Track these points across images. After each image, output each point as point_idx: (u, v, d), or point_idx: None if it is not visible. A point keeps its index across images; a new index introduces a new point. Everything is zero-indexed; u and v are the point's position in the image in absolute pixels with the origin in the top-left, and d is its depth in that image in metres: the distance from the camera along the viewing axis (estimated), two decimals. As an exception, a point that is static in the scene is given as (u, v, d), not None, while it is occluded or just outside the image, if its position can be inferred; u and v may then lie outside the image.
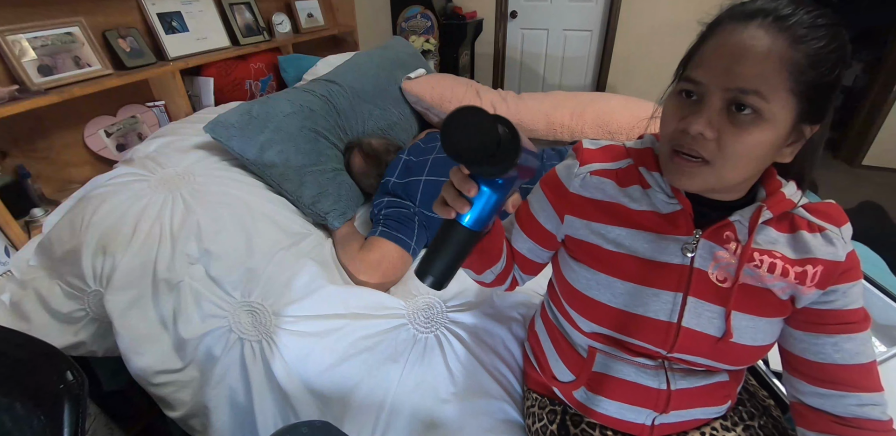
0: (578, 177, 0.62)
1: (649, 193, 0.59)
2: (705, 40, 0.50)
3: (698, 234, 0.58)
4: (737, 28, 0.47)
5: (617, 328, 0.62)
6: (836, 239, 0.57)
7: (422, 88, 1.66)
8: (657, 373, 0.63)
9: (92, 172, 1.42)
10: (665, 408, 0.64)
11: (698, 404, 0.65)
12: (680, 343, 0.59)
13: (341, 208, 1.23)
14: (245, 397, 0.92)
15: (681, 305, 0.58)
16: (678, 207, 0.58)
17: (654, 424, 0.67)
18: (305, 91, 1.38)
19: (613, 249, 0.61)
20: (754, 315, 0.58)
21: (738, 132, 0.47)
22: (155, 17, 1.56)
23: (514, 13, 3.34)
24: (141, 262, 0.99)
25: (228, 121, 1.17)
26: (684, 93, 0.51)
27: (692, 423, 0.69)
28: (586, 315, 0.64)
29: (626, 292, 0.60)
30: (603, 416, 0.69)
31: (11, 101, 1.13)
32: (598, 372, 0.66)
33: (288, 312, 0.95)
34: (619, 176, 0.62)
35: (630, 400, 0.65)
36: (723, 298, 0.58)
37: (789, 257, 0.57)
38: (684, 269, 0.58)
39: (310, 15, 2.37)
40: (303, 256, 1.07)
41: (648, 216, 0.59)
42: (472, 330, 0.95)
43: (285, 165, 1.19)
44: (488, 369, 0.90)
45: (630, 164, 0.62)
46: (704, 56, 0.49)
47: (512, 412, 0.86)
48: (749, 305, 0.58)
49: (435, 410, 0.85)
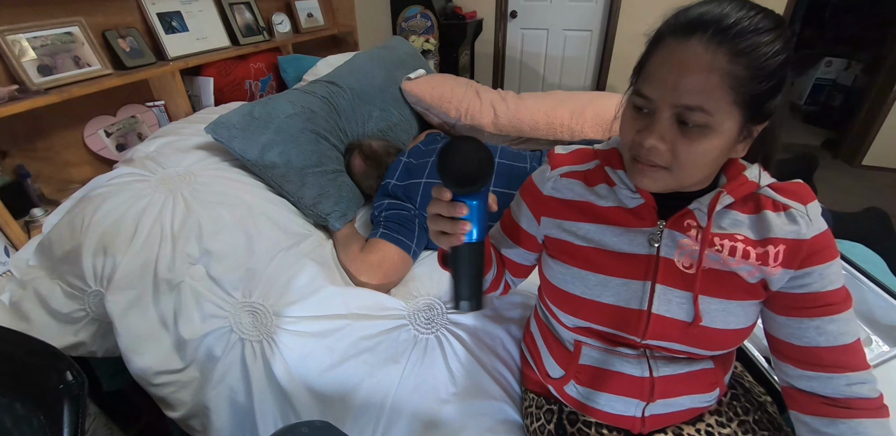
0: (550, 180, 0.67)
1: (615, 190, 0.63)
2: (650, 55, 0.52)
3: (662, 224, 0.60)
4: (679, 44, 0.48)
5: (594, 319, 0.65)
6: (801, 217, 0.57)
7: (422, 89, 1.66)
8: (640, 362, 0.65)
9: (92, 172, 1.42)
10: (650, 396, 0.65)
11: (684, 392, 0.66)
12: (651, 330, 0.61)
13: (342, 210, 1.23)
14: (245, 398, 0.92)
15: (650, 292, 0.61)
16: (641, 200, 0.61)
17: (644, 415, 0.67)
18: (306, 92, 1.38)
19: (584, 244, 0.64)
20: (722, 299, 0.59)
21: (688, 142, 0.50)
22: (155, 17, 1.56)
23: (514, 13, 3.34)
24: (141, 262, 0.99)
25: (230, 122, 1.17)
26: (635, 108, 0.54)
27: (683, 414, 0.69)
28: (565, 309, 0.67)
29: (598, 284, 0.63)
30: (595, 410, 0.70)
31: (11, 101, 1.13)
32: (585, 365, 0.69)
33: (288, 313, 0.95)
34: (587, 176, 0.66)
35: (616, 390, 0.67)
36: (689, 284, 0.60)
37: (751, 239, 0.58)
38: (651, 258, 0.61)
39: (310, 15, 2.37)
40: (303, 257, 1.07)
41: (615, 211, 0.63)
42: (472, 331, 0.95)
43: (287, 167, 1.19)
44: (488, 370, 0.90)
45: (597, 164, 0.65)
46: (651, 72, 0.51)
47: (511, 413, 0.86)
48: (716, 289, 0.59)
49: (435, 410, 0.85)
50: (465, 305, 0.52)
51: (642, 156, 0.53)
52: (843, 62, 3.83)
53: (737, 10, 0.47)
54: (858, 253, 1.12)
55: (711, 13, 0.47)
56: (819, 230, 0.57)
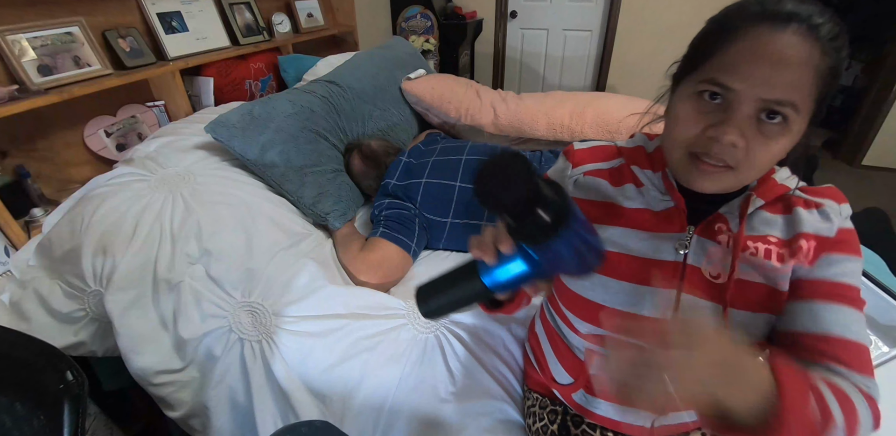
0: (572, 179, 0.63)
1: (643, 190, 0.59)
2: (731, 41, 0.46)
3: (691, 230, 0.57)
4: (773, 33, 0.44)
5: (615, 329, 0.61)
6: (834, 215, 0.55)
7: (422, 89, 1.66)
8: None
9: (92, 171, 1.42)
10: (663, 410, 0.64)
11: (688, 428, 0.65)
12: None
13: (342, 209, 1.23)
14: (245, 397, 0.91)
15: (676, 300, 0.57)
16: (671, 203, 0.57)
17: (653, 426, 0.66)
18: (306, 92, 1.38)
19: (611, 249, 0.60)
20: (749, 311, 0.56)
21: (766, 141, 0.47)
22: (155, 17, 1.56)
23: (514, 13, 3.34)
24: (141, 262, 0.99)
25: (230, 121, 1.17)
26: (707, 94, 0.48)
27: (693, 424, 0.68)
28: (582, 317, 0.64)
29: (621, 291, 0.59)
30: (603, 418, 0.69)
31: (11, 101, 1.13)
32: (593, 375, 0.66)
33: (288, 312, 0.95)
34: (613, 175, 0.62)
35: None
36: (717, 295, 0.56)
37: (783, 239, 0.55)
38: (678, 265, 0.57)
39: (310, 15, 2.37)
40: (303, 257, 1.07)
41: (642, 214, 0.59)
42: (473, 330, 0.95)
43: (286, 166, 1.19)
44: (488, 370, 0.90)
45: (622, 163, 0.62)
46: (734, 60, 0.46)
47: (512, 413, 0.86)
48: (743, 301, 0.56)
49: (435, 410, 0.85)
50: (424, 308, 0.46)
51: (714, 153, 0.47)
52: (843, 62, 3.83)
53: (822, 15, 0.45)
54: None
55: (804, 10, 0.44)
56: (848, 226, 0.55)
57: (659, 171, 0.58)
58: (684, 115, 0.50)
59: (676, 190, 0.57)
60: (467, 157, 1.23)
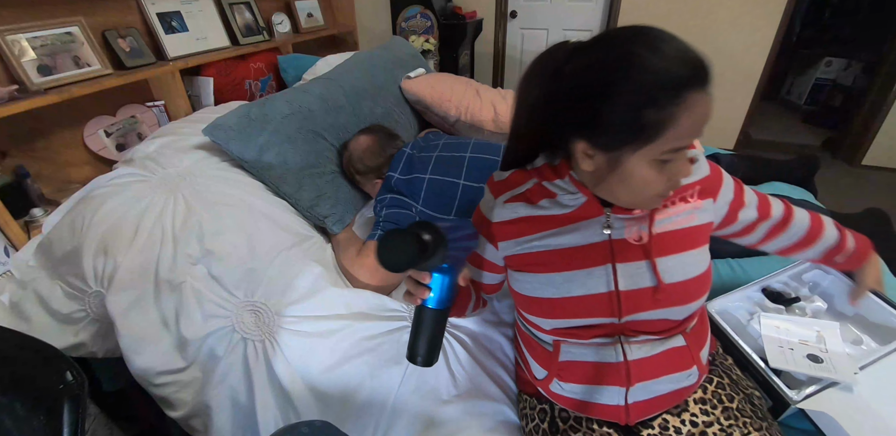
0: (495, 208, 0.71)
1: (557, 199, 0.67)
2: (679, 112, 0.50)
3: (608, 210, 0.65)
4: (706, 95, 0.51)
5: (570, 315, 0.68)
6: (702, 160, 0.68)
7: (421, 88, 1.66)
8: (614, 348, 0.68)
9: (91, 171, 1.42)
10: (628, 381, 0.67)
11: (660, 372, 0.68)
12: (625, 306, 0.65)
13: (339, 213, 1.23)
14: (247, 397, 0.92)
15: (613, 273, 0.65)
16: (584, 198, 0.65)
17: (627, 403, 0.69)
18: (304, 91, 1.37)
19: (542, 250, 0.68)
20: (675, 254, 0.65)
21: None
22: (154, 17, 1.56)
23: (513, 13, 3.34)
24: (142, 262, 0.99)
25: (227, 123, 1.16)
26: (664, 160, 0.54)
27: (666, 399, 0.70)
28: (542, 315, 0.70)
29: (565, 281, 0.67)
30: (581, 403, 0.72)
31: (11, 101, 1.13)
32: (564, 362, 0.72)
33: (291, 312, 0.95)
34: (528, 196, 0.69)
35: (596, 380, 0.69)
36: (644, 253, 0.65)
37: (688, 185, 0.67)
38: (605, 244, 0.66)
39: (310, 15, 2.37)
40: (305, 257, 1.07)
41: (563, 215, 0.67)
42: (473, 335, 0.96)
43: (283, 168, 1.18)
44: (488, 373, 0.90)
45: (535, 182, 0.68)
46: (689, 128, 0.51)
47: (511, 414, 0.86)
48: (667, 248, 0.65)
49: (436, 411, 0.85)
50: (419, 360, 0.57)
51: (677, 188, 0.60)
52: (843, 62, 3.83)
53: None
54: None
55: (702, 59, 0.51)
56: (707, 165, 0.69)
57: (565, 176, 0.65)
58: (653, 178, 0.56)
59: (584, 186, 0.64)
60: (471, 154, 1.22)
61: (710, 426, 0.70)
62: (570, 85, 0.55)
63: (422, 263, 0.49)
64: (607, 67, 0.51)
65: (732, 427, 0.69)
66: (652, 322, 0.67)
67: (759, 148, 3.37)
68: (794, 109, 4.23)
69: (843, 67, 3.84)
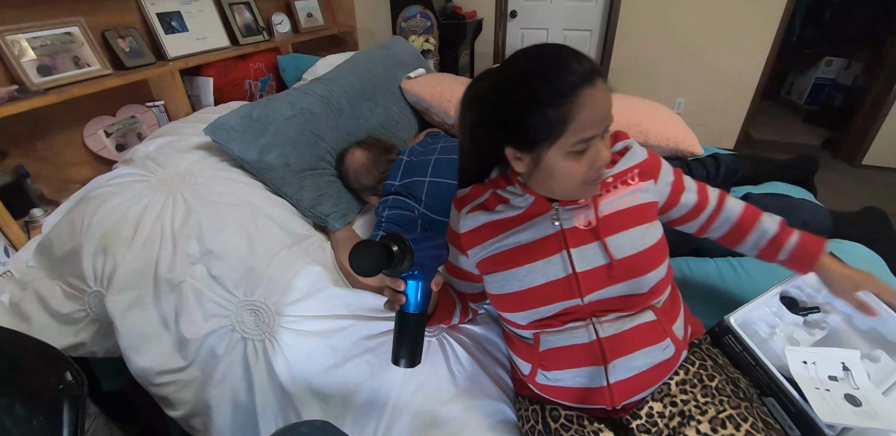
0: (460, 220, 0.80)
1: (510, 203, 0.75)
2: (575, 109, 0.60)
3: (556, 204, 0.73)
4: (595, 90, 0.61)
5: (538, 304, 0.73)
6: (637, 147, 0.78)
7: (421, 88, 1.66)
8: (587, 330, 0.72)
9: (91, 172, 1.42)
10: (604, 358, 0.70)
11: (634, 347, 0.71)
12: (584, 286, 0.71)
13: (342, 211, 1.23)
14: (247, 396, 0.92)
15: (569, 258, 0.71)
16: (532, 197, 0.73)
17: (609, 383, 0.71)
18: (306, 93, 1.37)
19: (504, 249, 0.75)
20: (621, 231, 0.71)
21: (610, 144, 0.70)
22: (154, 17, 1.56)
23: (513, 13, 3.34)
24: (142, 262, 0.99)
25: (229, 123, 1.16)
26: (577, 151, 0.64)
27: (646, 377, 0.72)
28: (514, 309, 0.76)
29: (527, 273, 0.73)
30: (565, 390, 0.75)
31: (11, 101, 1.13)
32: (543, 351, 0.76)
33: (291, 312, 0.95)
34: (486, 205, 0.78)
35: (573, 363, 0.73)
36: (594, 236, 0.71)
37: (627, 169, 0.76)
38: (558, 234, 0.72)
39: (309, 15, 2.37)
40: (305, 257, 1.07)
41: (517, 216, 0.75)
42: (473, 335, 0.96)
43: (285, 169, 1.18)
44: (489, 373, 0.91)
45: (492, 192, 0.78)
46: (587, 121, 0.61)
47: (511, 414, 0.87)
48: (614, 227, 0.71)
49: (437, 410, 0.85)
50: (403, 363, 0.62)
51: (601, 174, 0.67)
52: (843, 62, 3.83)
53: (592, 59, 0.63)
54: (858, 253, 1.12)
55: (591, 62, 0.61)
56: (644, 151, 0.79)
57: (515, 182, 0.75)
58: (573, 168, 0.65)
59: (530, 188, 0.73)
60: None
61: (686, 404, 0.71)
62: (491, 102, 0.66)
63: (389, 269, 0.57)
64: (515, 83, 0.63)
65: (708, 405, 0.70)
66: (615, 300, 0.71)
67: (760, 147, 3.37)
68: (794, 108, 4.23)
69: (843, 67, 3.83)
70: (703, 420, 0.68)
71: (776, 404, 0.80)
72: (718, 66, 3.01)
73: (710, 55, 2.99)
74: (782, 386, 0.78)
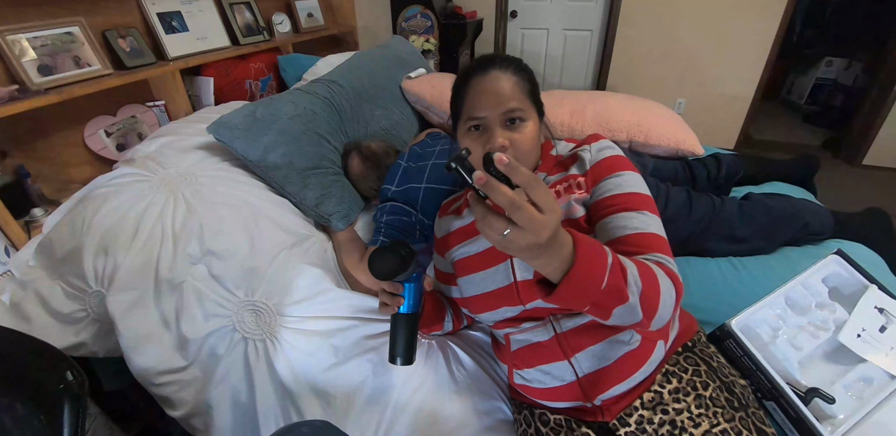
0: (438, 225, 0.89)
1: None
2: (466, 91, 0.75)
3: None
4: (484, 77, 0.74)
5: (491, 308, 0.77)
6: (585, 152, 0.78)
7: (422, 87, 1.66)
8: (546, 328, 0.74)
9: (92, 171, 1.42)
10: (567, 352, 0.72)
11: (594, 340, 0.72)
12: (523, 295, 0.73)
13: (344, 210, 1.23)
14: (248, 396, 0.92)
15: (511, 267, 0.74)
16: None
17: (579, 377, 0.72)
18: (308, 93, 1.37)
19: (464, 257, 0.81)
20: None
21: (519, 134, 0.73)
22: (155, 17, 1.56)
23: (514, 13, 3.34)
24: (143, 262, 0.99)
25: (232, 122, 1.16)
26: (473, 127, 0.75)
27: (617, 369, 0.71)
28: (477, 310, 0.80)
29: (482, 279, 0.78)
30: (541, 391, 0.76)
31: (11, 101, 1.13)
32: (514, 351, 0.79)
33: (292, 312, 0.95)
34: (459, 209, 0.86)
35: (540, 360, 0.75)
36: None
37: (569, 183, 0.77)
38: None
39: (310, 15, 2.37)
40: (306, 257, 1.07)
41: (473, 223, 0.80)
42: (474, 336, 0.96)
43: (289, 168, 1.18)
44: (489, 373, 0.91)
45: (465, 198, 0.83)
46: (474, 101, 0.73)
47: (510, 413, 0.87)
48: None
49: (438, 409, 0.85)
50: (399, 360, 0.67)
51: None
52: (843, 62, 3.83)
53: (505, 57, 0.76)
54: (858, 253, 1.11)
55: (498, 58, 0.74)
56: (604, 156, 0.77)
57: None
58: (469, 144, 0.74)
59: None
60: None
61: (679, 414, 0.69)
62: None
63: (402, 274, 0.63)
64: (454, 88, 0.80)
65: (702, 417, 0.69)
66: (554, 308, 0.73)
67: (760, 148, 3.37)
68: (794, 108, 4.23)
69: (843, 67, 3.83)
70: (696, 433, 0.67)
71: (776, 408, 0.79)
72: (719, 66, 3.01)
73: (710, 55, 2.99)
74: (783, 391, 0.78)
